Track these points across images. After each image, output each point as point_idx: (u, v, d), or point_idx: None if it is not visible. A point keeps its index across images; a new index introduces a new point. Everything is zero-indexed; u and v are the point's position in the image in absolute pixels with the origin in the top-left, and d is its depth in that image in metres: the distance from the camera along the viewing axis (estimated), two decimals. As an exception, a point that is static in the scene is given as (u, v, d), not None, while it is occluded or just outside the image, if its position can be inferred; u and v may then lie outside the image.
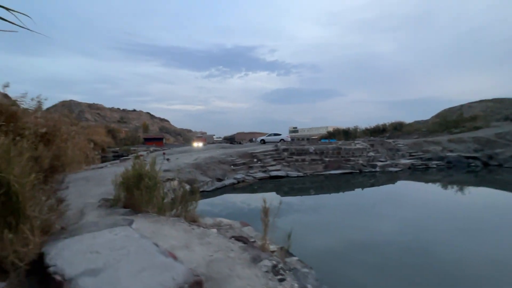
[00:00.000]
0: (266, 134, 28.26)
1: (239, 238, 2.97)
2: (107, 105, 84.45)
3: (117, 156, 29.37)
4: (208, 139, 39.02)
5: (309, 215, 8.08)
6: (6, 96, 12.68)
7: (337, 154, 14.62)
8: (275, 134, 26.79)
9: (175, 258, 2.21)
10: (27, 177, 2.43)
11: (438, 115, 43.38)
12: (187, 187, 9.13)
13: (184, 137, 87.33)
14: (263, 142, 25.78)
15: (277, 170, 12.36)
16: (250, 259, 2.54)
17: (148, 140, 48.76)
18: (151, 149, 31.08)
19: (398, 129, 32.62)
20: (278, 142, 25.21)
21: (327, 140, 26.72)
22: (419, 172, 14.73)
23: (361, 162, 14.31)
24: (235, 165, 12.02)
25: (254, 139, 42.43)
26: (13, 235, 2.22)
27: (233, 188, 10.20)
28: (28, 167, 2.59)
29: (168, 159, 11.19)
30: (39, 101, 10.15)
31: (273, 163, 13.14)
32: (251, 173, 11.60)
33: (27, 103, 10.08)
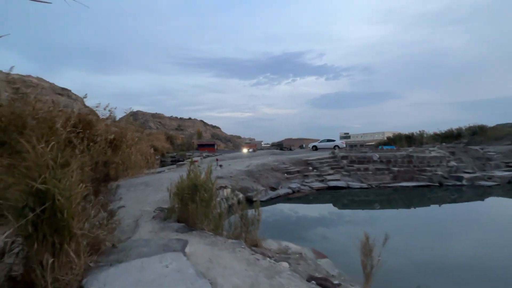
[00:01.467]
0: (318, 140, 26.68)
1: (321, 282, 2.16)
2: (167, 114, 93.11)
3: (174, 161, 31.60)
4: (256, 145, 39.07)
5: (374, 231, 6.71)
6: (85, 105, 14.40)
7: (408, 163, 12.48)
8: (329, 140, 25.04)
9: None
10: (75, 188, 2.11)
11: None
12: (240, 195, 8.70)
13: (233, 143, 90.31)
14: (315, 148, 24.32)
15: (336, 180, 11.06)
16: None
17: (201, 146, 51.48)
18: (204, 154, 32.54)
19: (478, 133, 27.06)
20: (332, 149, 23.52)
21: (389, 147, 23.73)
22: (522, 187, 11.51)
23: (440, 173, 11.88)
24: (288, 173, 11.19)
25: (304, 146, 40.91)
26: (54, 259, 1.87)
27: (287, 198, 9.37)
28: (78, 177, 2.27)
29: (221, 166, 11.02)
30: (109, 110, 11.13)
31: (331, 171, 11.86)
32: (307, 182, 10.59)
33: (100, 113, 11.20)
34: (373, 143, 45.99)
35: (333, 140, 24.95)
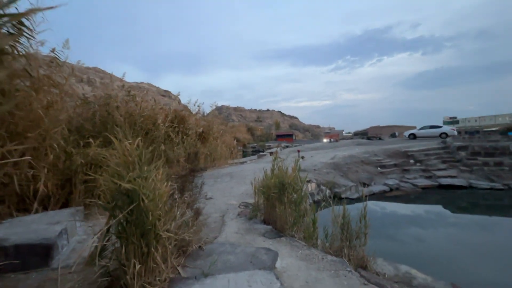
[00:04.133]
0: (414, 127, 22.29)
1: None
2: (247, 107, 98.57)
3: (255, 151, 32.97)
4: (339, 135, 36.02)
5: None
6: (179, 102, 16.28)
7: None
8: (432, 127, 20.49)
9: None
10: (160, 187, 1.95)
11: None
12: (327, 191, 7.88)
13: (312, 133, 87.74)
14: (414, 137, 20.38)
15: (451, 176, 8.64)
16: None
17: (279, 137, 52.11)
18: (283, 145, 32.58)
19: None
20: (437, 137, 19.08)
21: None
22: None
23: None
24: (383, 166, 9.50)
25: (397, 134, 35.23)
26: (142, 265, 1.74)
27: (383, 196, 7.91)
28: (163, 175, 2.13)
29: (303, 157, 10.38)
30: (198, 106, 12.13)
31: (442, 166, 9.39)
32: (409, 178, 8.70)
33: (191, 108, 12.37)
34: (495, 129, 35.23)
35: (439, 127, 20.22)
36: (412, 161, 9.91)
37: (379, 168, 9.44)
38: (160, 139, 8.68)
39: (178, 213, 2.12)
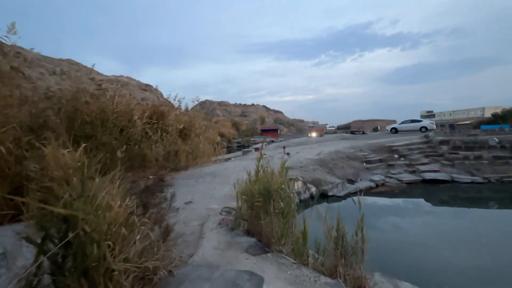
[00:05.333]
0: (395, 121, 22.77)
1: None
2: (231, 101, 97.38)
3: (240, 146, 32.47)
4: (323, 129, 35.95)
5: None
6: (159, 96, 15.44)
7: (547, 150, 8.93)
8: (413, 121, 21.00)
9: None
10: (114, 207, 1.52)
11: None
12: (313, 189, 7.66)
13: (296, 127, 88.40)
14: (395, 131, 20.82)
15: (434, 171, 8.72)
16: None
17: (264, 131, 51.87)
18: (268, 139, 32.30)
19: None
20: (418, 131, 19.57)
21: (493, 127, 18.22)
22: None
23: None
24: (368, 162, 9.45)
25: (379, 128, 36.09)
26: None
27: (369, 193, 7.82)
28: (121, 188, 1.69)
29: (288, 154, 10.12)
30: (179, 100, 11.47)
31: (425, 160, 9.48)
32: (394, 174, 8.69)
33: (171, 104, 11.69)
34: (468, 122, 36.98)
35: (419, 121, 20.76)
36: (396, 155, 9.94)
37: (364, 164, 9.37)
38: (136, 137, 8.05)
39: (138, 236, 1.70)
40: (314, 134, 24.53)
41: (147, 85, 54.33)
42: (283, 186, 2.61)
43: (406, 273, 3.04)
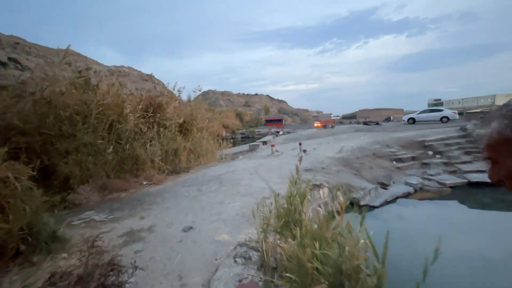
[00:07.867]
0: (402, 110, 21.12)
1: None
2: (234, 91, 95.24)
3: (244, 137, 31.01)
4: (324, 118, 32.61)
5: None
6: (155, 87, 14.01)
7: None
8: (433, 110, 19.37)
9: None
10: None
11: None
12: (341, 197, 6.38)
13: (300, 117, 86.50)
14: (413, 121, 19.24)
15: (480, 171, 7.38)
16: None
17: (269, 122, 50.39)
18: (273, 130, 30.70)
19: None
20: (438, 122, 17.97)
21: None
22: None
23: None
24: (399, 160, 8.10)
25: (392, 118, 34.16)
26: None
27: (407, 202, 6.50)
28: None
29: (305, 151, 8.79)
30: (179, 90, 10.08)
31: (466, 158, 8.09)
32: (432, 175, 7.33)
33: (170, 93, 10.30)
34: (479, 111, 34.87)
35: (440, 110, 19.07)
36: (430, 152, 8.57)
37: (394, 162, 8.04)
38: (128, 134, 6.77)
39: None
40: (317, 124, 22.56)
41: (148, 75, 52.68)
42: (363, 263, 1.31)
43: None
